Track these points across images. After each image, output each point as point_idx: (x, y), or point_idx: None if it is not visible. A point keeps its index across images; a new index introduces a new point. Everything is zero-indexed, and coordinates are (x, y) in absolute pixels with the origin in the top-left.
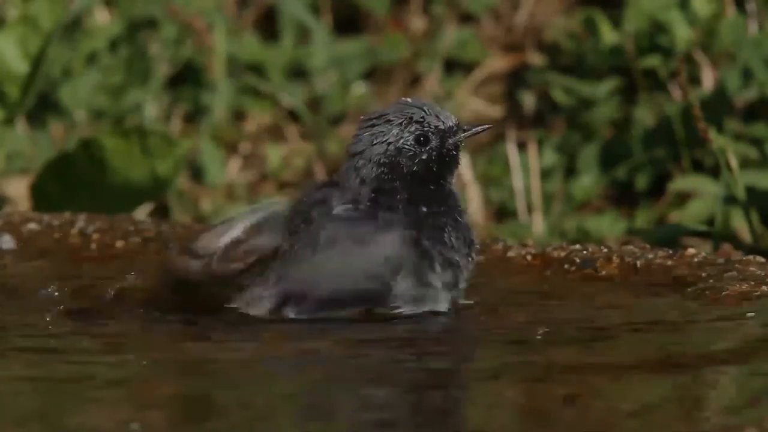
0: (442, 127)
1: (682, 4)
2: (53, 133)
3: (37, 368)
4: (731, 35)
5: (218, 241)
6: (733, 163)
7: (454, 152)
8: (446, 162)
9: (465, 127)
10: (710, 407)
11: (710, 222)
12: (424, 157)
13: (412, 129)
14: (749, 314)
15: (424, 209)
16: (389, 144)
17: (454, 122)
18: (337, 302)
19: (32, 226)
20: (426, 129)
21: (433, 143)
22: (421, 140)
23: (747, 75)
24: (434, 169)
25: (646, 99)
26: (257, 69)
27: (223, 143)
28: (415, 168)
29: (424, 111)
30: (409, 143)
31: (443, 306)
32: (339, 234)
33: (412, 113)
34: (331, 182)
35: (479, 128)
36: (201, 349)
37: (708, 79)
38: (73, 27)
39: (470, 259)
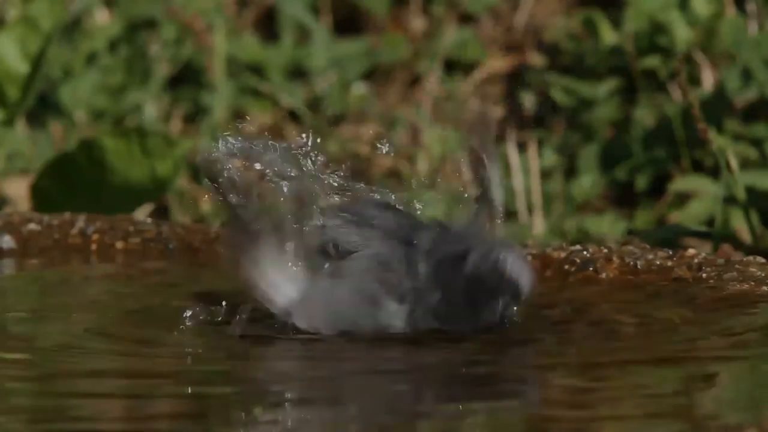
0: None
1: (682, 5)
2: (53, 133)
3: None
4: (731, 35)
5: None
6: (733, 163)
7: None
8: None
9: None
10: (710, 407)
11: (710, 222)
12: None
13: None
14: (749, 314)
15: None
16: None
17: None
18: None
19: (32, 226)
20: None
21: None
22: None
23: (747, 75)
24: None
25: (646, 99)
26: (257, 69)
27: None
28: None
29: None
30: None
31: None
32: None
33: None
34: None
35: None
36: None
37: (708, 79)
38: (73, 27)
39: None
